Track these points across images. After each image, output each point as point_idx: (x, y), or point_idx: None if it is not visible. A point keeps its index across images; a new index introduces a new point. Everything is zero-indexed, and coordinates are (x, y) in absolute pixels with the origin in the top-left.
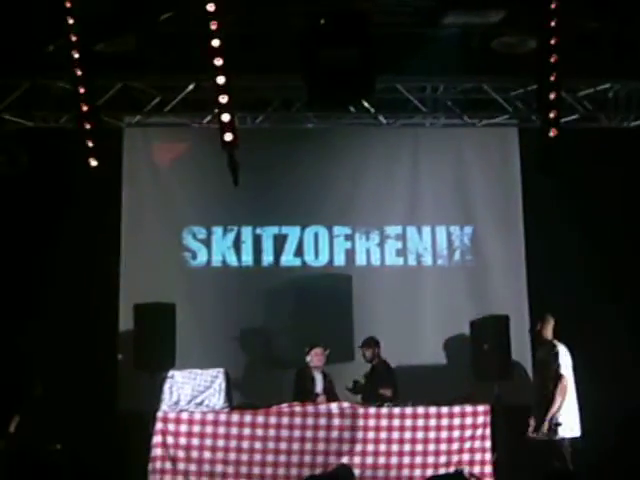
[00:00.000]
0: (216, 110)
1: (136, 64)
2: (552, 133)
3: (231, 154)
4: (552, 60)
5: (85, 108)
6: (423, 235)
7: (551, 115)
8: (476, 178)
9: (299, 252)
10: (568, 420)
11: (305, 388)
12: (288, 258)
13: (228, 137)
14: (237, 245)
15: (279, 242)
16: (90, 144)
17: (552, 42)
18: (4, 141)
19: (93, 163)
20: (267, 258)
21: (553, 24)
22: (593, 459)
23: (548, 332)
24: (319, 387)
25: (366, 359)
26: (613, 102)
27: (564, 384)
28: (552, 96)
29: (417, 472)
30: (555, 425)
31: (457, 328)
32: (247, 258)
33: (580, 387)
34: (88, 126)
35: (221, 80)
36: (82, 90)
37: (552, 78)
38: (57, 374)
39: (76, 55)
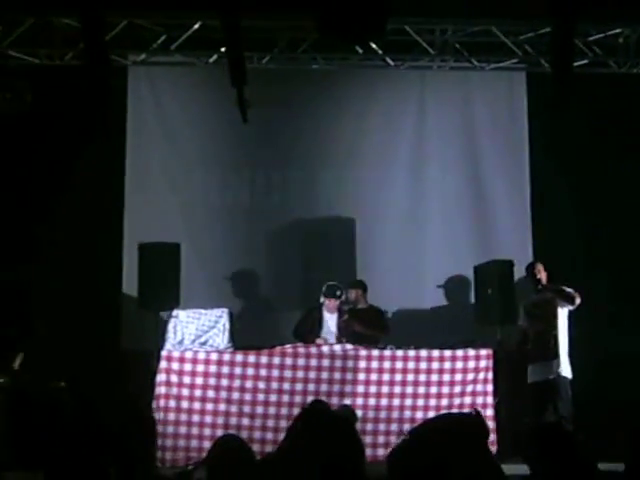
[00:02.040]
0: (223, 49)
1: (142, 1)
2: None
3: (240, 91)
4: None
5: (91, 43)
6: (428, 180)
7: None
8: (483, 123)
9: (305, 195)
10: (565, 360)
11: (304, 328)
12: (293, 201)
13: (237, 75)
14: (243, 186)
15: (285, 185)
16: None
17: None
18: (8, 78)
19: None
20: (273, 200)
21: None
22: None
23: (541, 276)
24: (332, 327)
25: (349, 301)
26: (624, 47)
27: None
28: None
29: (419, 414)
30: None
31: (461, 272)
32: (253, 199)
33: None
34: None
35: (229, 18)
36: (88, 25)
37: (566, 21)
38: (61, 312)
39: None
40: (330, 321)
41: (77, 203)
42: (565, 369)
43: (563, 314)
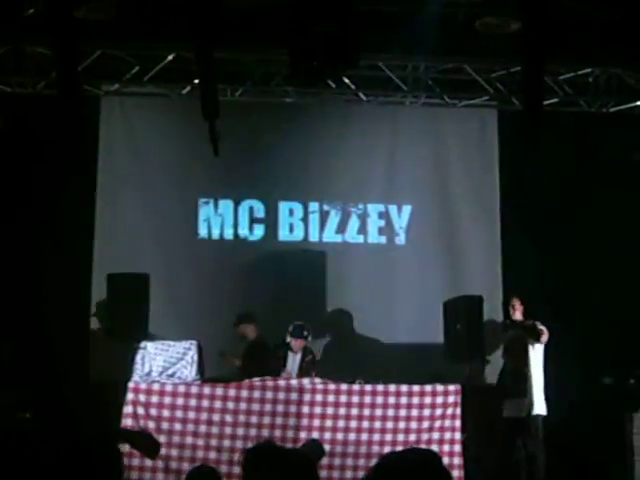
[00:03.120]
0: (196, 80)
1: (116, 32)
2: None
3: (212, 124)
4: (536, 42)
5: (63, 74)
6: (400, 213)
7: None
8: (454, 159)
9: (274, 227)
10: (539, 398)
11: (268, 363)
12: (263, 233)
13: (209, 107)
14: (214, 218)
15: (255, 216)
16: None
17: (537, 24)
18: None
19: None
20: (242, 232)
21: (538, 6)
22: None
23: (517, 313)
24: (294, 367)
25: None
26: (593, 87)
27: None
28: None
29: (387, 449)
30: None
31: (430, 307)
32: (222, 231)
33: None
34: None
35: (202, 51)
36: (61, 56)
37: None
38: (29, 342)
39: (55, 20)
40: (292, 361)
41: (45, 232)
42: (538, 407)
43: (537, 351)
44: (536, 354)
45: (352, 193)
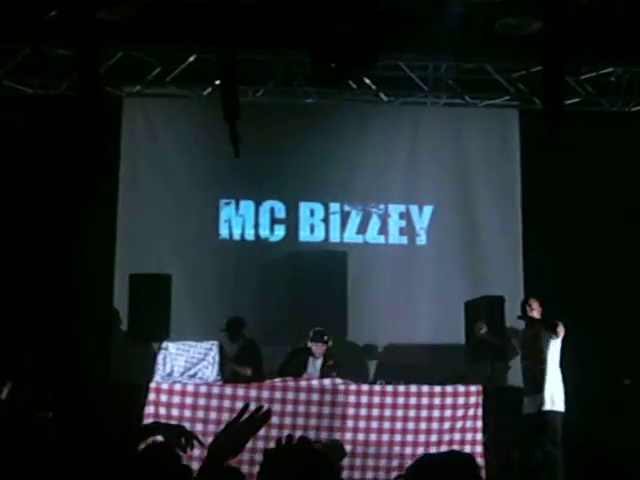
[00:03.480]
0: (217, 82)
1: (138, 33)
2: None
3: (233, 125)
4: (557, 42)
5: (85, 76)
6: (421, 214)
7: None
8: (475, 159)
9: (295, 228)
10: (556, 394)
11: (289, 368)
12: (284, 233)
13: (230, 109)
14: (236, 219)
15: (276, 217)
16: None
17: (558, 24)
18: (2, 107)
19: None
20: (263, 232)
21: (558, 6)
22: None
23: (535, 313)
24: (315, 372)
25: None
26: (615, 86)
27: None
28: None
29: (408, 450)
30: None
31: (452, 308)
32: (243, 232)
33: (565, 364)
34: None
35: (223, 52)
36: (82, 57)
37: (556, 60)
38: (51, 343)
39: (77, 21)
40: (313, 365)
41: (69, 234)
42: (554, 402)
43: (553, 348)
44: (553, 351)
45: (373, 193)
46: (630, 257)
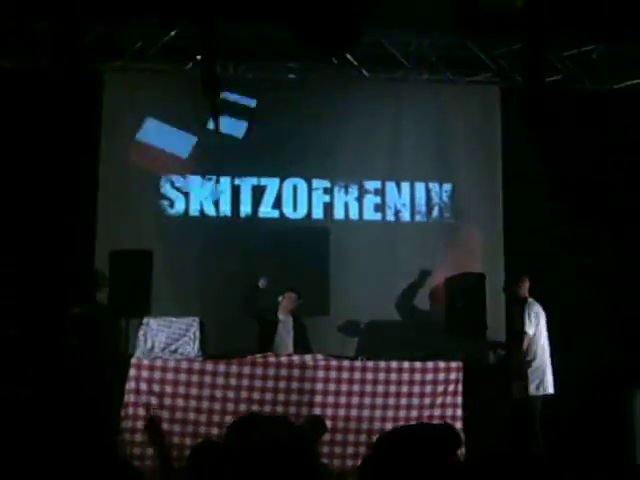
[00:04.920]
0: (198, 57)
1: (118, 8)
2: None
3: (213, 100)
4: (540, 19)
5: (65, 50)
6: (402, 191)
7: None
8: (457, 136)
9: (277, 204)
10: (545, 378)
11: (265, 334)
12: (266, 210)
13: (210, 84)
14: (217, 194)
15: (257, 193)
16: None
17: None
18: None
19: None
20: (245, 209)
21: None
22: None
23: (524, 292)
24: (288, 335)
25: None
26: (597, 64)
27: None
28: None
29: (388, 425)
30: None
31: (433, 285)
32: (225, 208)
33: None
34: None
35: (205, 27)
36: (62, 32)
37: (539, 37)
38: (32, 317)
39: None
40: (284, 327)
41: (48, 208)
42: (542, 385)
43: (540, 329)
44: (539, 333)
45: (355, 170)
46: (612, 232)
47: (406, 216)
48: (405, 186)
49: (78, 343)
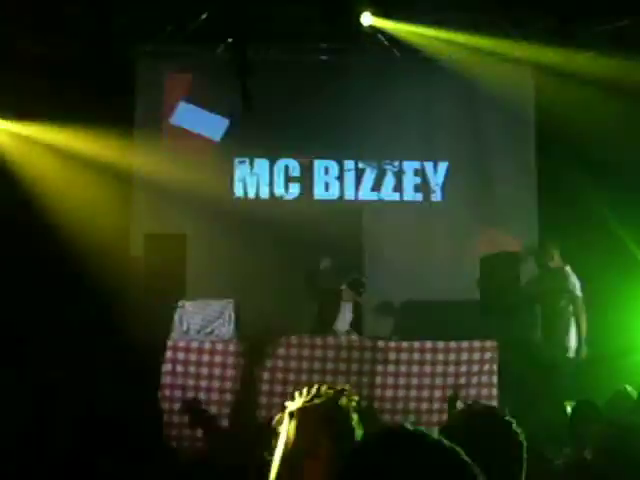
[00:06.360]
0: (229, 40)
1: None
2: None
3: (244, 83)
4: None
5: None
6: (436, 170)
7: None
8: (489, 112)
9: (310, 186)
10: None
11: (325, 314)
12: (299, 191)
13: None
14: (251, 176)
15: (290, 175)
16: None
17: None
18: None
19: None
20: (278, 191)
21: None
22: None
23: (557, 258)
24: (347, 317)
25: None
26: (630, 38)
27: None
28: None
29: (424, 405)
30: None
31: (467, 263)
32: (258, 190)
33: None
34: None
35: (235, 9)
36: (95, 17)
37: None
38: (68, 302)
39: None
40: (344, 308)
41: (84, 194)
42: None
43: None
44: (570, 303)
45: (387, 150)
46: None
47: (439, 196)
48: (439, 166)
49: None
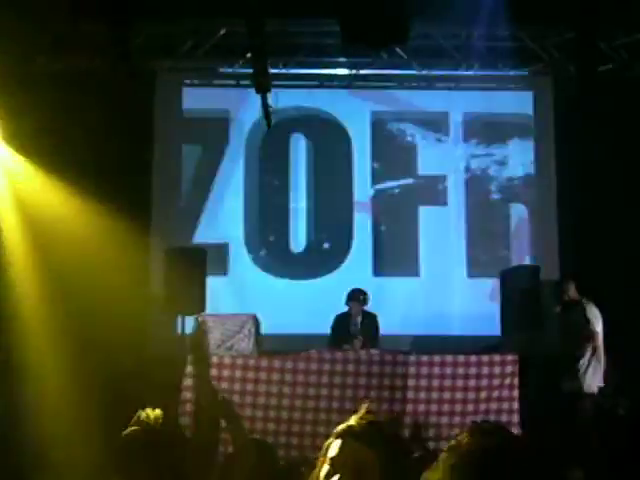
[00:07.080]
0: (249, 54)
1: (168, 7)
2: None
3: (265, 98)
4: (591, 7)
5: (118, 51)
6: (457, 184)
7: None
8: (509, 128)
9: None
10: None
11: (340, 331)
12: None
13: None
14: (271, 189)
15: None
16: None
17: None
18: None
19: None
20: (299, 202)
21: None
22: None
23: (572, 292)
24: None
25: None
26: None
27: (598, 343)
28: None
29: (444, 419)
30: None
31: (488, 278)
32: (282, 201)
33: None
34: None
35: (253, 24)
36: (115, 33)
37: (590, 26)
38: (88, 316)
39: None
40: (354, 325)
41: (103, 208)
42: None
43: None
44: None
45: (406, 168)
46: None
47: (461, 209)
48: (458, 179)
49: None
